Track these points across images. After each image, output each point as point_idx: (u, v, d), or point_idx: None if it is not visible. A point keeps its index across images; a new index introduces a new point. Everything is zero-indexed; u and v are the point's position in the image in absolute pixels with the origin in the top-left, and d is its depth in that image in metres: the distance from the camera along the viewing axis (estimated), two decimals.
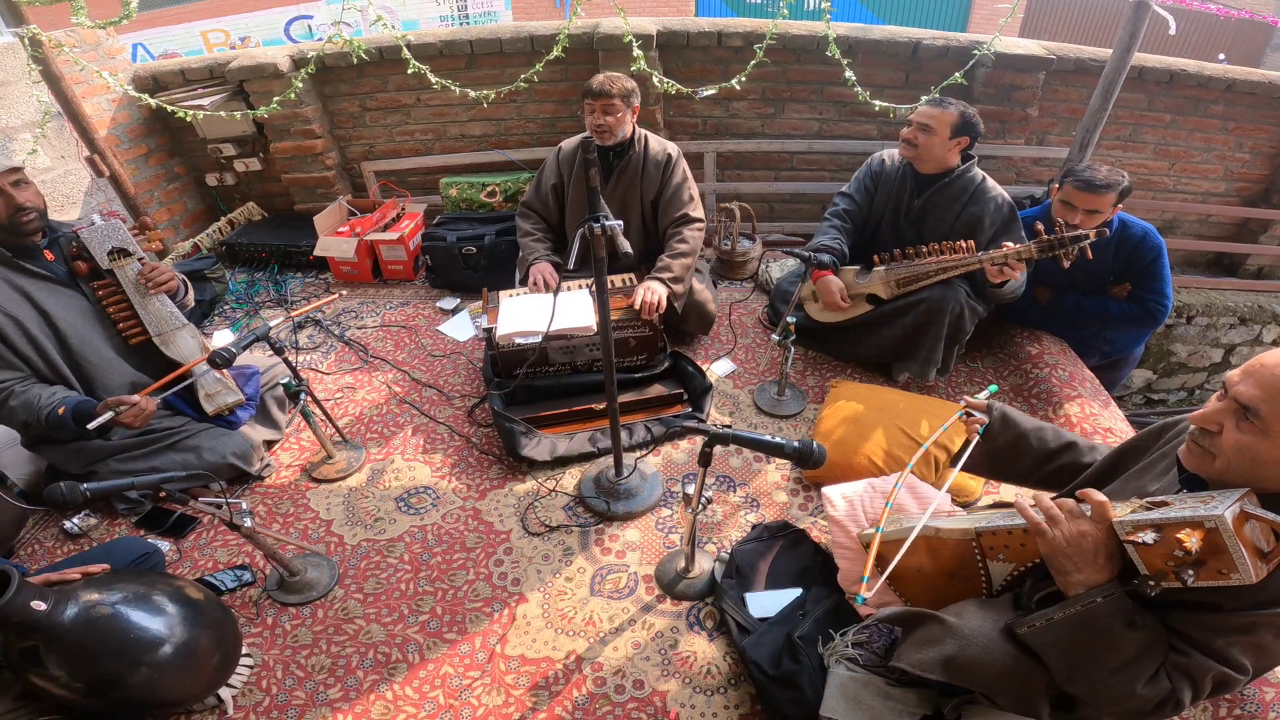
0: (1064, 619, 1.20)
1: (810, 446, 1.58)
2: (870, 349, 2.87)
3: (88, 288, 2.26)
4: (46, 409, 2.05)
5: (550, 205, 3.05)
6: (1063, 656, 1.21)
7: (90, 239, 2.24)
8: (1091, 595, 1.17)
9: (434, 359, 3.15)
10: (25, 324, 2.09)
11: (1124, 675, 1.16)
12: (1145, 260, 2.68)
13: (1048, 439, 1.69)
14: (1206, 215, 4.26)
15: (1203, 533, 1.04)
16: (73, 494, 1.55)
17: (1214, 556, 1.04)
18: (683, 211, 2.91)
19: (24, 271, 2.13)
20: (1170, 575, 1.08)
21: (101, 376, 2.24)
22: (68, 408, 2.06)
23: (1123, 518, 1.15)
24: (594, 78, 2.70)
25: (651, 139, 2.93)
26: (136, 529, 2.31)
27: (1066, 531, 1.20)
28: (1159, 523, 1.09)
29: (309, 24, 10.43)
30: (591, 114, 2.73)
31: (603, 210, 1.65)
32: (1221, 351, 4.55)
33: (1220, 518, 1.02)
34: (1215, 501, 1.08)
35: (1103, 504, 1.18)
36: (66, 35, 3.34)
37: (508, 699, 1.82)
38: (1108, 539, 1.17)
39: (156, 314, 2.33)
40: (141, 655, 1.51)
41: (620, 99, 2.69)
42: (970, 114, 2.55)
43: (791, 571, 2.05)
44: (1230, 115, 3.85)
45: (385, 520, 2.34)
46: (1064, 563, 1.20)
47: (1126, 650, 1.16)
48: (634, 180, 2.93)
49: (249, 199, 4.29)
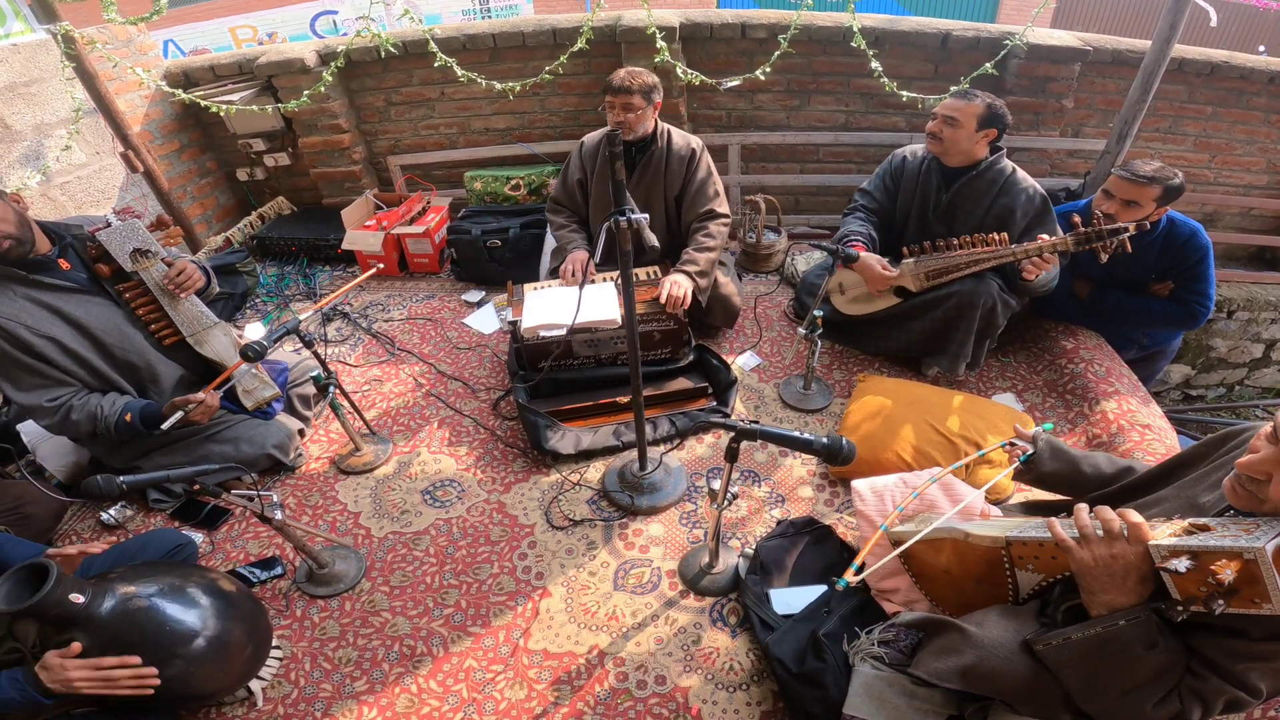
0: (1081, 640, 1.18)
1: (839, 443, 1.55)
2: (899, 342, 2.83)
3: (114, 291, 2.23)
4: (114, 417, 2.07)
5: (577, 199, 3.05)
6: (1075, 675, 1.20)
7: (110, 241, 2.19)
8: (1114, 618, 1.15)
9: (459, 352, 3.17)
10: (63, 340, 2.07)
11: (1136, 697, 1.15)
12: (1191, 260, 2.61)
13: (1101, 465, 1.66)
14: (1248, 208, 4.14)
15: (1240, 564, 1.01)
16: (110, 486, 1.57)
17: (1248, 586, 1.02)
18: (708, 207, 2.89)
19: (45, 287, 2.08)
20: (1200, 603, 1.05)
21: (152, 375, 2.25)
22: (134, 413, 2.09)
23: (1159, 541, 1.12)
24: (615, 73, 2.68)
25: (675, 133, 2.90)
26: (171, 520, 2.36)
27: (1098, 552, 1.16)
28: (1196, 550, 1.06)
29: (334, 19, 10.51)
30: (612, 110, 2.71)
31: (629, 204, 1.63)
32: (1262, 347, 4.42)
33: (1261, 550, 1.00)
34: (1260, 531, 1.05)
35: (1138, 526, 1.14)
36: (99, 32, 3.40)
37: (530, 693, 1.83)
38: (1141, 562, 1.14)
39: (187, 314, 2.33)
40: (176, 648, 1.54)
41: (641, 95, 2.66)
42: (997, 105, 2.49)
43: (817, 568, 2.03)
44: (1273, 107, 3.73)
45: (411, 513, 2.36)
46: (1092, 583, 1.18)
47: (1142, 673, 1.14)
48: (657, 176, 2.91)
49: (279, 193, 4.35)
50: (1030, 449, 1.67)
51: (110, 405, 2.10)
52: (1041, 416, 2.69)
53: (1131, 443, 2.40)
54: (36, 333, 2.02)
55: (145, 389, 2.26)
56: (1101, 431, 2.52)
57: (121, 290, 2.25)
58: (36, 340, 2.02)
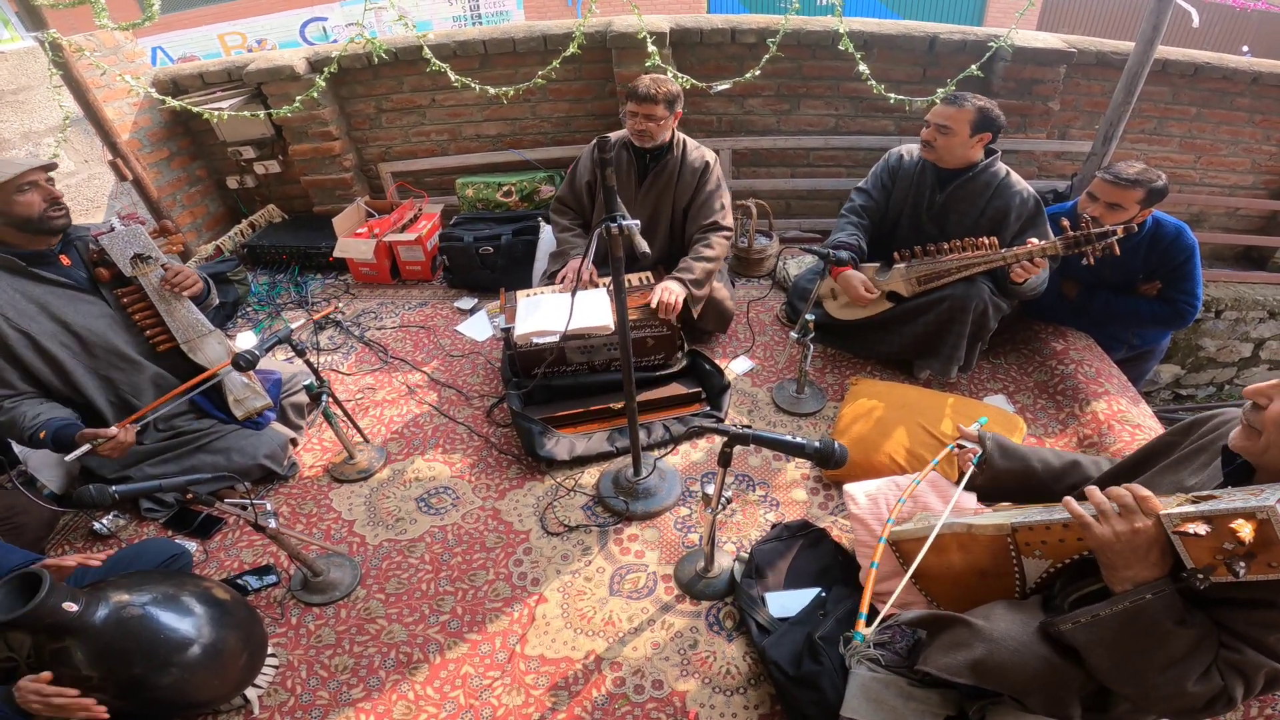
0: (1111, 615, 1.17)
1: (831, 446, 1.56)
2: (891, 346, 2.84)
3: (110, 294, 2.24)
4: (29, 430, 2.02)
5: (584, 201, 3.05)
6: (1109, 655, 1.19)
7: (112, 245, 2.21)
8: (1141, 592, 1.15)
9: (452, 359, 3.16)
10: (37, 338, 2.06)
11: (1174, 673, 1.14)
12: (1177, 260, 2.63)
13: (1049, 459, 1.69)
14: (1234, 208, 4.18)
15: (1255, 524, 1.02)
16: (102, 496, 1.57)
17: (1265, 550, 1.02)
18: (712, 219, 2.89)
19: (39, 280, 2.08)
20: (1221, 568, 1.05)
21: (129, 380, 2.25)
22: (49, 432, 2.01)
23: (1170, 510, 1.13)
24: (639, 79, 2.67)
25: (690, 144, 2.90)
26: (164, 530, 2.34)
27: (1118, 527, 1.16)
28: (1210, 515, 1.07)
29: (324, 25, 10.50)
30: (634, 118, 2.71)
31: (620, 210, 1.64)
32: (1251, 346, 4.46)
33: (1272, 508, 1.00)
34: (1266, 493, 1.06)
35: (1148, 498, 1.15)
36: (87, 39, 3.38)
37: (528, 699, 1.83)
38: (1160, 534, 1.14)
39: (183, 320, 2.32)
40: (171, 656, 1.53)
41: (665, 104, 2.66)
42: (990, 109, 2.50)
43: (812, 571, 2.04)
44: (1257, 108, 3.78)
45: (406, 520, 2.36)
46: (1114, 559, 1.18)
47: (1176, 648, 1.13)
48: (669, 184, 2.91)
49: (269, 201, 4.33)
50: (980, 450, 1.69)
51: (33, 417, 2.03)
52: (1032, 418, 2.71)
53: (1122, 443, 2.42)
54: (12, 325, 2.03)
55: (120, 393, 2.24)
56: (1092, 432, 2.54)
57: (119, 295, 2.25)
58: (9, 332, 2.02)
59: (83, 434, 2.01)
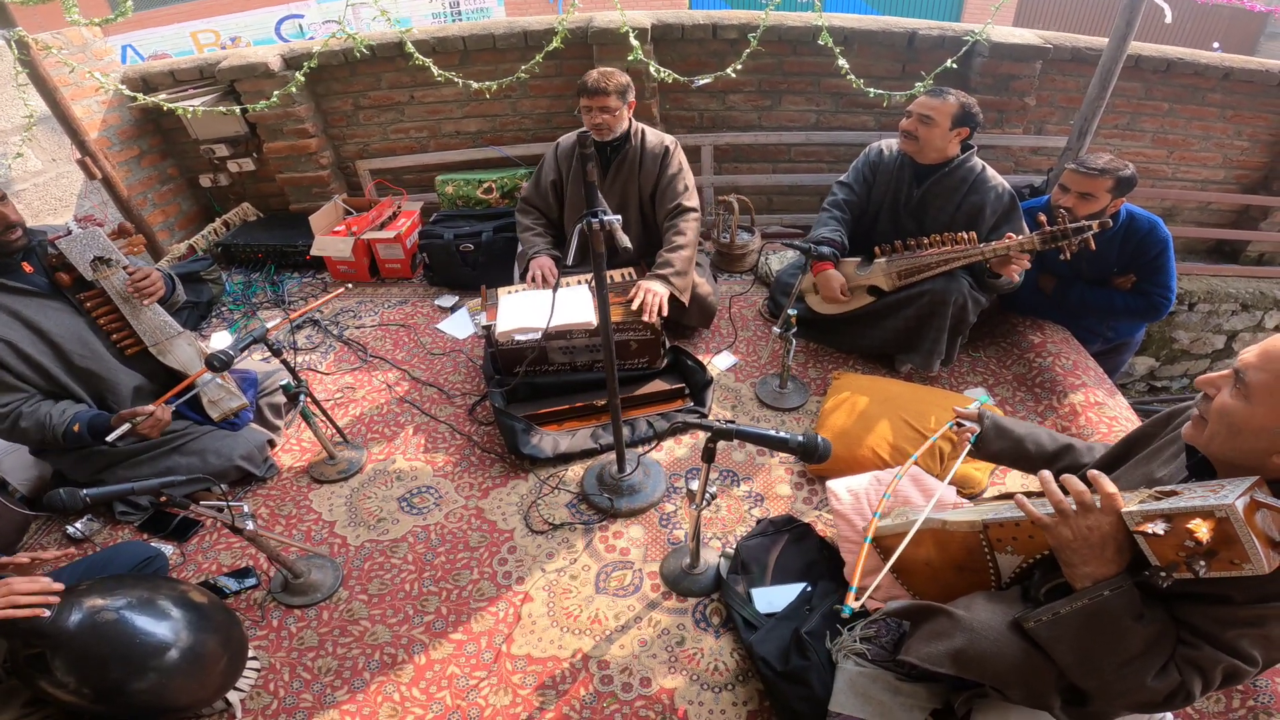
0: (1070, 613, 1.19)
1: (815, 441, 1.56)
2: (873, 341, 2.86)
3: (75, 299, 2.18)
4: (61, 426, 2.02)
5: (550, 201, 3.04)
6: (1070, 651, 1.20)
7: (70, 249, 2.14)
8: (1099, 589, 1.16)
9: (433, 357, 3.14)
10: (19, 345, 2.02)
11: (1132, 668, 1.15)
12: (1151, 253, 2.67)
13: (1044, 442, 1.70)
14: (1206, 203, 4.25)
15: (1214, 523, 1.02)
16: (73, 500, 1.54)
17: (1226, 547, 1.02)
18: (677, 202, 2.89)
19: (5, 289, 2.04)
20: (1182, 566, 1.06)
21: (111, 383, 2.20)
22: (82, 423, 2.04)
23: (1131, 508, 1.13)
24: (588, 74, 2.68)
25: (649, 132, 2.91)
26: (139, 533, 2.30)
27: (1074, 525, 1.17)
28: (1169, 513, 1.07)
29: (299, 23, 10.35)
30: (589, 113, 2.71)
31: (601, 205, 1.63)
32: (1224, 338, 4.55)
33: (1231, 507, 1.00)
34: (1225, 490, 1.06)
35: (1111, 495, 1.15)
36: (54, 37, 3.31)
37: (515, 698, 1.82)
38: (1117, 531, 1.15)
39: (149, 324, 2.27)
40: (148, 660, 1.51)
41: (617, 95, 2.67)
42: (970, 104, 2.53)
43: (797, 566, 2.04)
44: (1228, 103, 3.84)
45: (388, 520, 2.33)
46: (1071, 556, 1.19)
47: (1134, 644, 1.15)
48: (632, 174, 2.91)
49: (244, 199, 4.26)
50: (978, 428, 1.70)
51: (59, 414, 2.04)
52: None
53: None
54: None
55: (104, 399, 2.20)
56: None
57: (83, 299, 2.19)
58: None
59: (120, 415, 2.03)
